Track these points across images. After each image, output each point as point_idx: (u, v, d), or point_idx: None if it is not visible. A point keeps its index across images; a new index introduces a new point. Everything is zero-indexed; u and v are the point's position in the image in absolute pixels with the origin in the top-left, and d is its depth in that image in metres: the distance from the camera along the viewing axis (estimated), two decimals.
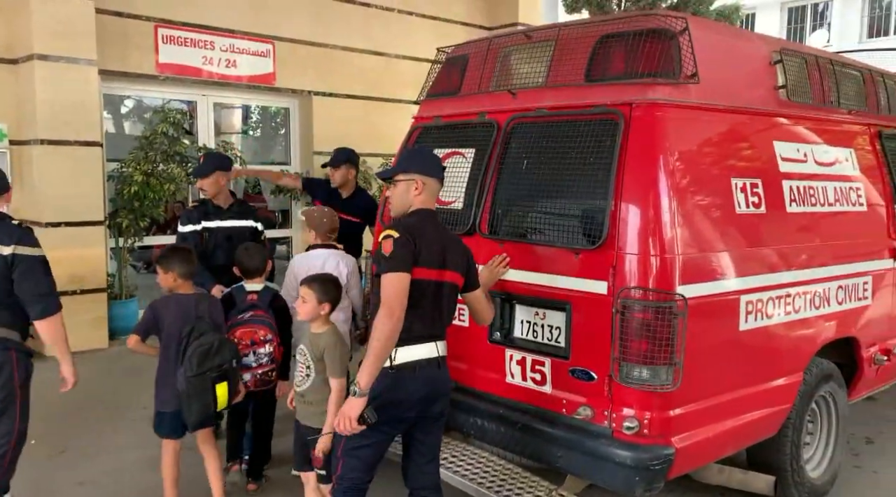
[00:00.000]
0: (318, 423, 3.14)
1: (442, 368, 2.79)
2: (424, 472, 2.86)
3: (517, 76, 3.51)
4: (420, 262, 2.64)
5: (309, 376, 3.17)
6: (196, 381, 3.20)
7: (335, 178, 5.00)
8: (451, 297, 2.82)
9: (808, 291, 3.47)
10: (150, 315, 3.42)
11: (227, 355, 3.30)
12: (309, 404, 3.19)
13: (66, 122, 6.44)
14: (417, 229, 2.69)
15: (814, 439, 3.85)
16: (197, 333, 3.25)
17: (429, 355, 2.73)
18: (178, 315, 3.37)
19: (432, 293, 2.71)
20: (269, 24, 8.08)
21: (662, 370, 2.81)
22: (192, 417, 3.28)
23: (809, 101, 3.65)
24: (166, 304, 3.43)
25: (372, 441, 2.71)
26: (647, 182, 2.90)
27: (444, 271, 2.73)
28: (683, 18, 3.04)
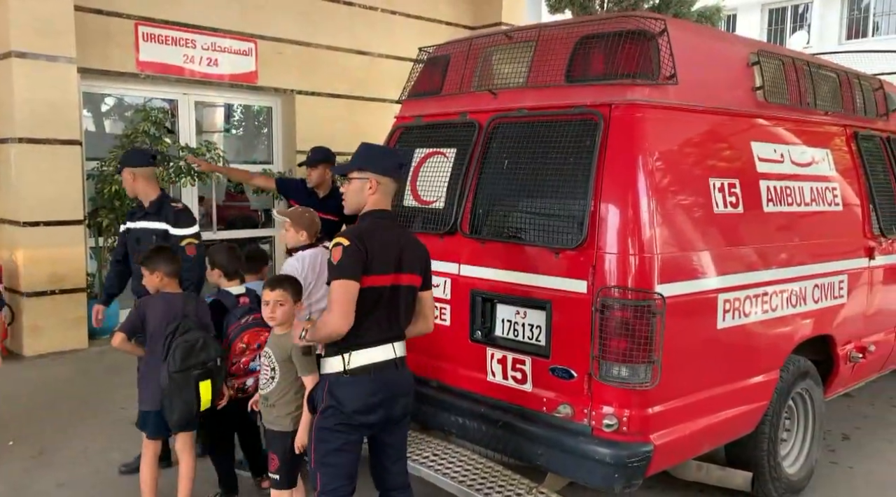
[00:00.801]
0: (281, 427, 3.08)
1: (400, 369, 2.73)
2: (391, 474, 2.82)
3: (498, 76, 3.53)
4: (371, 269, 2.59)
5: (274, 379, 3.10)
6: (179, 378, 3.17)
7: (312, 178, 4.96)
8: (409, 298, 2.75)
9: (784, 290, 3.51)
10: (136, 313, 3.40)
11: (212, 353, 3.27)
12: (272, 407, 3.11)
13: (45, 121, 6.37)
14: (369, 235, 2.64)
15: (790, 436, 3.90)
16: (182, 330, 3.23)
17: (385, 357, 2.67)
18: (164, 313, 3.35)
19: (387, 298, 2.66)
20: (252, 23, 8.04)
21: (641, 368, 2.84)
22: (174, 416, 3.24)
23: (786, 103, 3.70)
24: (153, 302, 3.41)
25: (339, 445, 2.64)
26: (626, 182, 2.93)
27: (399, 275, 2.68)
28: (662, 20, 3.07)
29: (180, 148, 7.37)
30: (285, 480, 3.10)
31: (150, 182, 4.13)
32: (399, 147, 3.93)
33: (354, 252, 2.57)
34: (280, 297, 3.07)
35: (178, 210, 4.08)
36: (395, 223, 2.84)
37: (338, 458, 2.65)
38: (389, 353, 2.69)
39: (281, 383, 3.09)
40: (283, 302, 3.08)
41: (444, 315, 3.53)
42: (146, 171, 4.12)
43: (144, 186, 4.10)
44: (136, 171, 4.08)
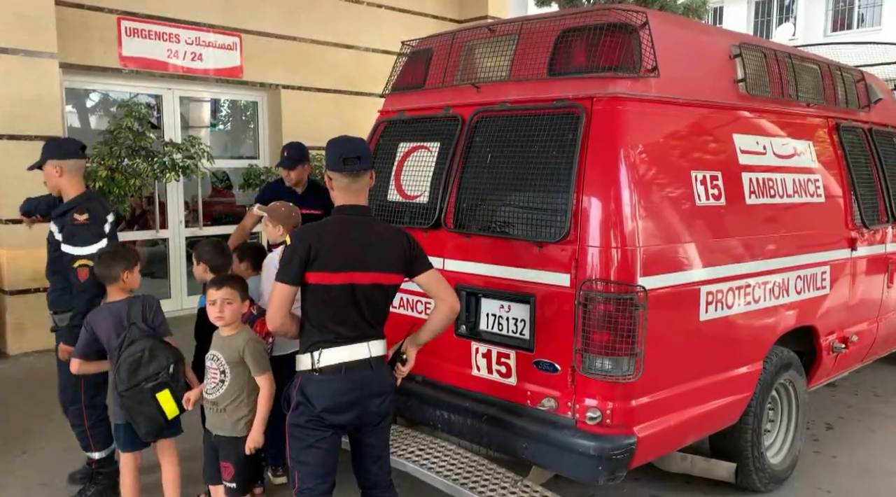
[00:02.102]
0: (233, 432, 2.99)
1: (376, 369, 2.65)
2: (371, 473, 2.78)
3: (481, 70, 3.52)
4: (316, 266, 2.55)
5: (223, 383, 2.99)
6: (130, 395, 3.05)
7: (292, 178, 4.89)
8: (375, 297, 2.63)
9: (767, 281, 3.53)
10: (85, 332, 3.20)
11: (162, 362, 3.09)
12: (222, 413, 3.01)
13: (26, 117, 6.31)
14: (320, 232, 2.62)
15: (774, 426, 3.93)
16: (127, 342, 3.07)
17: (358, 356, 2.61)
18: (111, 325, 3.16)
19: (345, 296, 2.57)
20: (236, 17, 7.99)
21: (624, 361, 2.85)
22: (142, 430, 3.15)
23: (768, 95, 3.71)
24: (97, 316, 3.22)
25: (311, 441, 2.60)
26: (608, 176, 2.93)
27: (355, 273, 2.58)
28: (643, 13, 3.07)
29: (164, 143, 7.32)
30: (241, 488, 3.04)
31: (75, 178, 3.63)
32: (382, 141, 3.91)
33: (293, 251, 2.58)
34: (227, 296, 2.97)
35: (78, 223, 3.47)
36: (363, 219, 2.69)
37: (311, 455, 2.61)
38: (364, 353, 2.62)
39: (231, 387, 2.99)
40: (230, 300, 2.98)
41: (430, 310, 3.52)
42: (75, 164, 3.62)
43: (69, 183, 3.61)
44: (62, 163, 3.57)
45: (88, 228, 3.48)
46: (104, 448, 3.70)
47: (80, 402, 3.62)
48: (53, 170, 3.57)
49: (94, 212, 3.55)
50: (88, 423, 3.64)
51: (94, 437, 3.67)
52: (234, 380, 3.00)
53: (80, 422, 3.66)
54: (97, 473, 3.73)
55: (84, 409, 3.63)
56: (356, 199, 2.68)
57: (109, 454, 3.72)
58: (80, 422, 3.65)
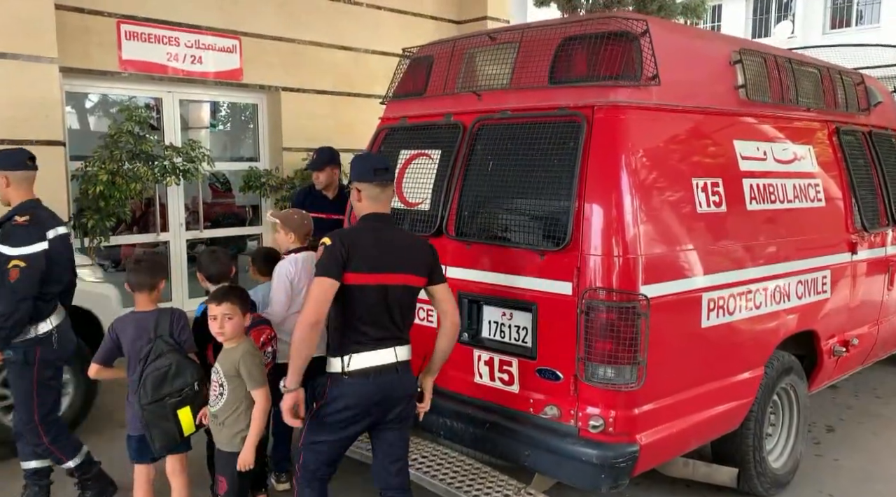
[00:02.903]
0: (230, 447, 2.98)
1: (401, 373, 2.81)
2: (390, 473, 2.89)
3: (482, 78, 3.53)
4: (352, 267, 2.68)
5: (222, 395, 2.97)
6: (152, 409, 3.03)
7: (320, 180, 4.88)
8: (405, 299, 2.82)
9: (768, 287, 3.54)
10: (109, 338, 3.20)
11: (188, 378, 3.07)
12: (222, 426, 3.00)
13: (28, 121, 6.30)
14: (353, 236, 2.78)
15: (775, 431, 3.95)
16: (154, 355, 3.04)
17: (385, 361, 2.77)
18: (136, 335, 3.15)
19: (377, 297, 2.73)
20: (236, 20, 7.97)
21: (626, 369, 2.87)
22: (155, 444, 3.11)
23: (768, 100, 3.71)
24: (123, 324, 3.21)
25: (327, 439, 2.79)
26: (609, 184, 2.94)
27: (388, 274, 2.74)
28: (644, 20, 3.08)
29: (165, 147, 7.32)
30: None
31: (22, 188, 3.53)
32: (384, 148, 3.92)
33: (332, 250, 2.69)
34: (228, 311, 2.95)
35: (17, 224, 3.39)
36: (390, 226, 2.91)
37: (325, 446, 2.80)
38: (391, 357, 2.78)
39: (229, 400, 2.97)
40: (231, 315, 2.96)
41: (432, 317, 3.54)
42: (23, 175, 3.53)
43: (16, 193, 3.52)
44: (9, 174, 3.50)
45: (26, 230, 3.39)
46: (75, 453, 3.61)
47: (33, 421, 3.49)
48: (1, 180, 3.50)
49: (38, 216, 3.47)
50: (48, 438, 3.53)
51: (60, 449, 3.57)
52: (232, 393, 2.97)
53: (38, 441, 3.53)
54: (84, 482, 3.64)
55: (39, 427, 3.50)
56: (382, 209, 2.88)
57: (86, 457, 3.65)
58: (39, 440, 3.53)
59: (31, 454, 3.63)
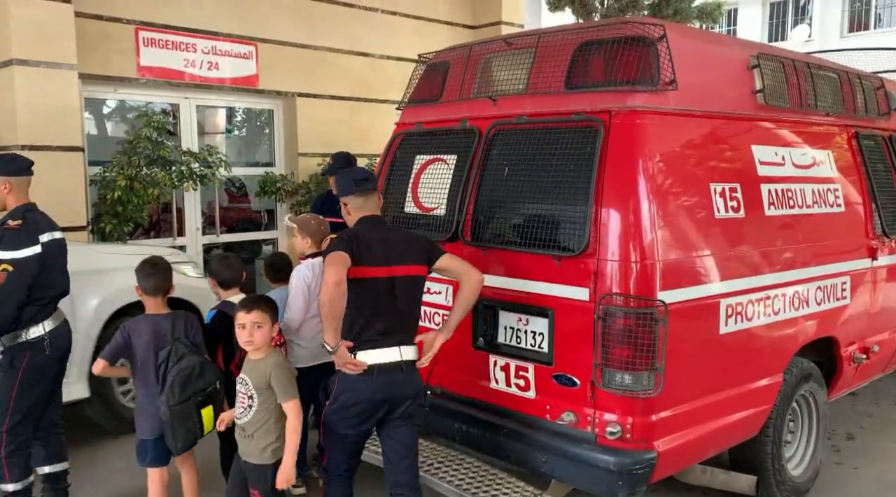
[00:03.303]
0: (260, 460, 2.94)
1: (406, 372, 2.90)
2: (399, 470, 2.96)
3: (498, 83, 3.53)
4: (362, 261, 2.83)
5: (251, 407, 2.94)
6: (179, 409, 3.07)
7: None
8: (411, 291, 2.96)
9: (787, 293, 3.51)
10: (121, 337, 3.22)
11: (210, 378, 3.16)
12: (250, 438, 2.96)
13: (47, 128, 6.38)
14: (356, 233, 2.95)
15: (795, 438, 3.91)
16: (175, 357, 3.09)
17: (390, 359, 2.86)
18: (151, 338, 3.19)
19: (384, 289, 2.87)
20: (252, 26, 8.03)
21: (644, 376, 2.85)
22: (178, 444, 3.16)
23: (787, 105, 3.69)
24: (138, 325, 3.24)
25: (343, 431, 2.92)
26: (626, 189, 2.93)
27: (393, 267, 2.90)
28: (661, 25, 3.07)
29: (182, 152, 7.38)
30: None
31: (21, 194, 3.51)
32: (400, 154, 3.93)
33: (341, 240, 2.89)
34: (258, 319, 2.92)
35: (9, 228, 3.37)
36: (384, 224, 3.10)
37: (341, 441, 2.95)
38: (395, 356, 2.88)
39: (259, 412, 2.93)
40: (261, 324, 2.92)
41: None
42: (24, 180, 3.53)
43: (15, 199, 3.49)
44: (12, 180, 3.47)
45: (18, 233, 3.35)
46: (19, 480, 3.43)
47: (1, 427, 3.36)
48: (2, 186, 3.46)
49: (31, 220, 3.43)
50: (5, 451, 3.37)
51: (10, 466, 3.40)
52: (262, 405, 2.93)
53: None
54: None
55: (3, 435, 3.36)
56: (372, 212, 3.05)
57: (26, 488, 3.46)
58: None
59: (42, 459, 3.58)
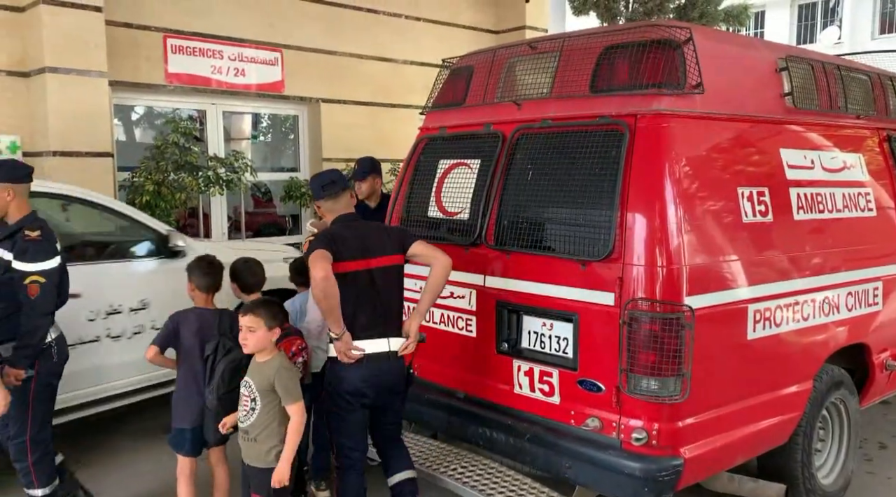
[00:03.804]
0: (264, 463, 2.94)
1: (393, 361, 3.13)
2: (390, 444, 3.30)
3: (522, 87, 3.52)
4: (342, 256, 3.01)
5: (254, 410, 2.95)
6: (227, 398, 3.15)
7: (363, 190, 4.93)
8: (389, 280, 3.15)
9: (816, 299, 3.45)
10: (170, 326, 3.36)
11: None
12: (254, 442, 2.97)
13: (78, 134, 6.50)
14: (332, 233, 3.15)
15: (825, 446, 3.84)
16: (224, 349, 3.17)
17: (379, 349, 3.09)
18: (197, 330, 3.31)
19: (365, 281, 3.07)
20: (278, 33, 8.12)
21: (671, 381, 2.82)
22: (219, 433, 3.23)
23: (816, 108, 3.63)
24: (186, 317, 3.37)
25: (343, 416, 3.12)
26: (652, 193, 2.91)
27: (369, 259, 3.10)
28: (688, 28, 3.04)
29: (209, 158, 7.47)
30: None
31: (22, 202, 3.48)
32: (423, 158, 3.94)
33: (320, 239, 3.07)
34: (251, 324, 2.95)
35: (30, 239, 3.34)
36: (356, 221, 3.27)
37: (345, 426, 3.15)
38: (384, 347, 3.10)
39: (261, 415, 2.94)
40: (254, 328, 2.95)
41: (471, 326, 3.53)
42: (25, 188, 3.49)
43: (17, 206, 3.45)
44: (15, 187, 3.43)
45: (41, 245, 3.36)
46: (47, 484, 3.49)
47: (24, 436, 3.41)
48: (4, 193, 3.41)
49: (46, 230, 3.44)
50: (32, 458, 3.43)
51: (38, 472, 3.45)
52: (265, 408, 2.95)
53: (23, 457, 3.43)
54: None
55: (28, 444, 3.42)
56: (345, 210, 3.26)
57: (53, 491, 3.51)
58: (24, 457, 3.43)
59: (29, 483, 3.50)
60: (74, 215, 4.86)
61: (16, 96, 6.61)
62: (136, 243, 4.90)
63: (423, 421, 3.83)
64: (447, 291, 3.58)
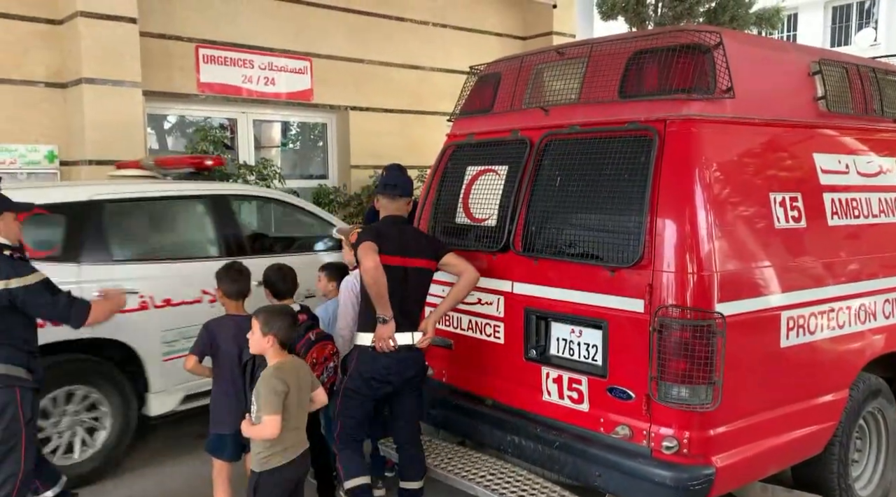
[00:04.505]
0: (253, 465, 2.95)
1: (414, 351, 3.39)
2: (405, 431, 3.51)
3: (550, 93, 3.52)
4: (384, 251, 3.24)
5: (253, 413, 2.95)
6: None
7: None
8: (419, 282, 3.41)
9: (852, 306, 3.39)
10: (205, 334, 3.41)
11: None
12: (254, 445, 2.97)
13: (113, 143, 6.64)
14: (377, 227, 3.44)
15: (862, 457, 3.75)
16: (262, 358, 3.12)
17: (403, 342, 3.32)
18: (234, 336, 3.35)
19: (399, 277, 3.28)
20: (306, 42, 8.22)
21: (702, 389, 2.78)
22: None
23: (851, 111, 3.57)
24: (222, 324, 3.43)
25: (358, 401, 3.38)
26: (682, 199, 2.88)
27: (407, 258, 3.35)
28: (718, 33, 3.01)
29: (239, 165, 7.57)
30: None
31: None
32: (451, 165, 3.95)
33: (367, 233, 3.35)
34: (252, 325, 2.99)
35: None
36: (400, 224, 3.50)
37: (355, 411, 3.40)
38: (409, 340, 3.34)
39: (258, 419, 2.92)
40: (253, 330, 2.98)
41: (498, 333, 3.53)
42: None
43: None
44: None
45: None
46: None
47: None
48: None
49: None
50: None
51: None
52: (258, 413, 2.92)
53: None
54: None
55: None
56: (397, 212, 3.52)
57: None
58: None
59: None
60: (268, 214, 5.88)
61: (53, 107, 6.78)
62: (321, 238, 5.53)
63: (450, 427, 3.83)
64: (474, 297, 3.59)
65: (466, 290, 3.44)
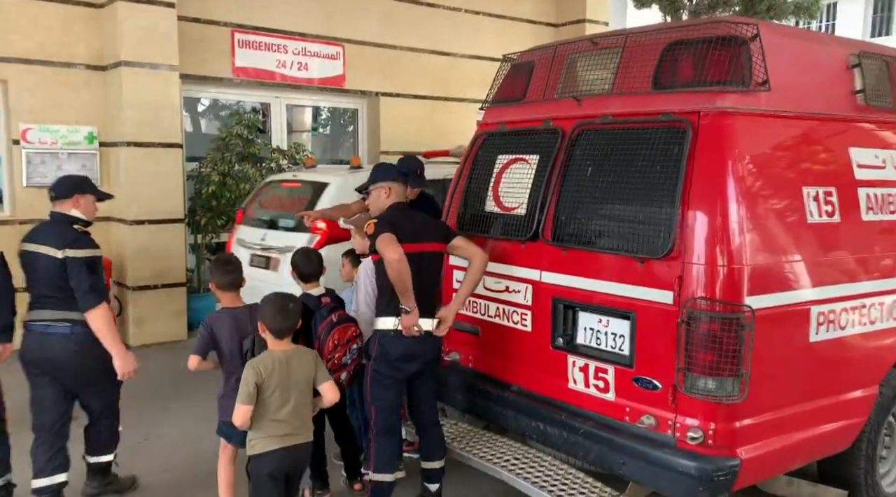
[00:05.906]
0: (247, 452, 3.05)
1: (430, 337, 3.47)
2: (424, 411, 3.60)
3: (583, 83, 3.52)
4: (400, 238, 3.29)
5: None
6: None
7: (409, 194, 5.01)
8: (433, 265, 3.50)
9: (884, 302, 3.36)
10: (205, 332, 3.41)
11: None
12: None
13: (150, 125, 6.79)
14: (391, 217, 3.46)
15: (890, 453, 3.73)
16: (261, 343, 3.17)
17: (425, 328, 3.41)
18: (233, 329, 3.37)
19: (415, 263, 3.30)
20: (339, 27, 8.28)
21: (728, 381, 2.79)
22: None
23: (890, 105, 3.52)
24: (219, 318, 3.43)
25: (387, 383, 3.45)
26: (714, 191, 2.88)
27: (422, 244, 3.42)
28: (755, 24, 2.99)
29: (271, 149, 7.68)
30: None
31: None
32: (482, 153, 3.98)
33: (385, 223, 3.37)
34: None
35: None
36: (408, 210, 3.64)
37: (386, 393, 3.45)
38: (428, 325, 3.42)
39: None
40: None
41: (525, 321, 3.56)
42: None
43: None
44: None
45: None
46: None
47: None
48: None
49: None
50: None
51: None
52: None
53: None
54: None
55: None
56: (402, 199, 3.65)
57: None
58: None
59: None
60: None
61: (93, 89, 6.94)
62: None
63: (476, 412, 3.89)
64: (503, 285, 3.63)
65: (480, 273, 3.51)
